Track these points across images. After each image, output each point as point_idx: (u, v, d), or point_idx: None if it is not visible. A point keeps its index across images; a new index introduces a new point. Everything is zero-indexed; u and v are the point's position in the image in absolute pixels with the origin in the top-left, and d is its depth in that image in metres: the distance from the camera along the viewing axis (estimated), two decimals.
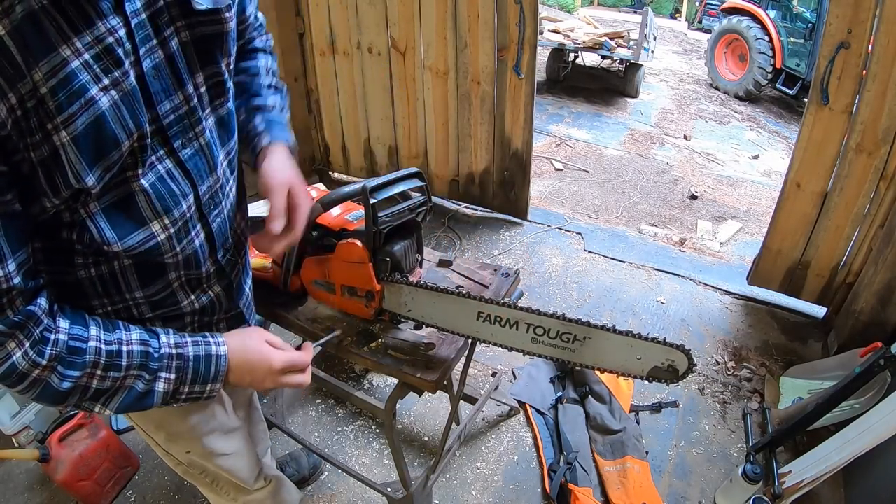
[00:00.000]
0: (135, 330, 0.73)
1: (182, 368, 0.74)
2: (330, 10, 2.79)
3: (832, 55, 1.87)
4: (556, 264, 2.74)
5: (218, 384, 0.78)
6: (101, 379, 0.69)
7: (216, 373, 0.77)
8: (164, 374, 0.73)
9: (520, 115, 2.64)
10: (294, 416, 1.94)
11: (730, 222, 3.57)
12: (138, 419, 0.96)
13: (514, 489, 1.70)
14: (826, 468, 1.44)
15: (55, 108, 0.56)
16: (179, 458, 1.05)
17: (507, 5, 2.39)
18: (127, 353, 0.71)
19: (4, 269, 0.59)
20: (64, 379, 0.66)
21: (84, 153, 0.59)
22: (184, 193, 0.73)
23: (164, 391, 0.74)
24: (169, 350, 0.74)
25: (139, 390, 0.72)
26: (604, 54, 6.12)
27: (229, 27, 0.75)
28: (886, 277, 1.86)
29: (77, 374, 0.67)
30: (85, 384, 0.68)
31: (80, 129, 0.58)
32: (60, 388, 0.66)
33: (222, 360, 0.77)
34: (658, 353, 0.83)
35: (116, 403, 0.72)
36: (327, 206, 1.06)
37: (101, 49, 0.59)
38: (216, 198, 0.81)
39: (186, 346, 0.75)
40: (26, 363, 0.63)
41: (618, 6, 12.84)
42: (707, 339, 2.29)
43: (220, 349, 0.77)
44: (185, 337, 0.76)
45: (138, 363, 0.71)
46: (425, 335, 1.10)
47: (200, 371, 0.76)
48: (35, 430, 1.76)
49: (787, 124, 5.87)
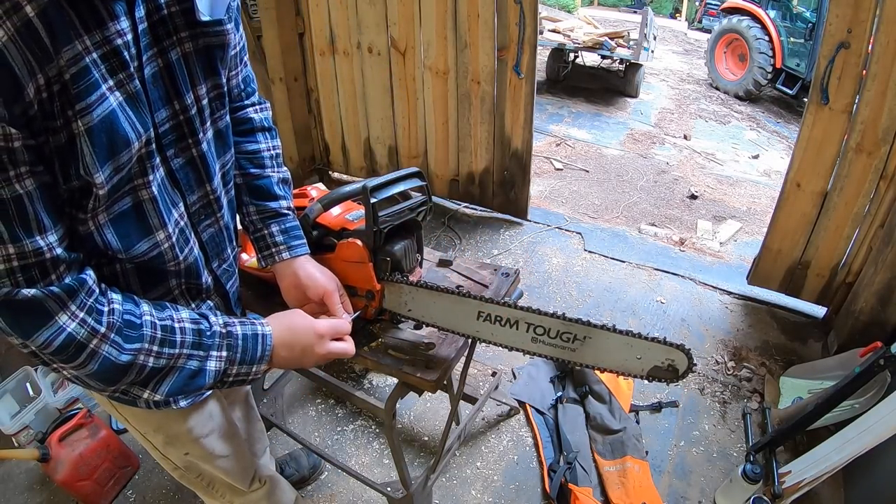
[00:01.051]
0: (183, 310, 0.74)
1: (233, 346, 0.76)
2: (330, 10, 2.79)
3: (832, 55, 1.87)
4: (556, 264, 2.74)
5: (263, 365, 0.79)
6: (157, 356, 0.69)
7: (262, 352, 0.78)
8: (216, 353, 0.74)
9: (520, 115, 2.64)
10: (294, 416, 1.94)
11: (730, 222, 3.57)
12: (137, 422, 0.96)
13: (514, 489, 1.70)
14: (826, 468, 1.44)
15: (75, 95, 0.57)
16: (177, 463, 1.05)
17: (507, 5, 2.39)
18: (180, 329, 0.71)
19: (45, 239, 0.59)
20: (122, 351, 0.66)
21: (97, 147, 0.60)
22: (173, 202, 0.74)
23: (216, 370, 0.75)
24: (220, 328, 0.75)
25: (192, 369, 0.73)
26: (604, 54, 6.12)
27: (230, 40, 0.76)
28: (886, 277, 1.86)
29: (136, 347, 0.67)
30: (142, 362, 0.68)
31: (95, 121, 0.59)
32: (119, 361, 0.66)
33: (268, 339, 0.79)
34: (658, 353, 0.83)
35: (167, 386, 0.72)
36: (327, 206, 1.06)
37: (108, 49, 0.59)
38: (208, 209, 0.82)
39: (234, 326, 0.77)
40: (85, 331, 0.63)
41: (618, 6, 12.84)
42: (707, 338, 2.29)
43: (264, 329, 0.79)
44: (232, 318, 0.78)
45: (191, 340, 0.72)
46: (425, 335, 1.10)
47: (248, 350, 0.77)
48: (35, 430, 1.76)
49: (787, 124, 5.87)
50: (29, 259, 0.59)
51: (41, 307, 0.60)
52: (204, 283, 0.84)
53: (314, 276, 0.95)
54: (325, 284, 0.95)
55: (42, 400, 1.81)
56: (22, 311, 0.60)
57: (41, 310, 0.60)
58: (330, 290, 0.94)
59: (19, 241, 0.57)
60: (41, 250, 0.59)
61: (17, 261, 0.58)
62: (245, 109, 0.95)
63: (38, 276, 0.60)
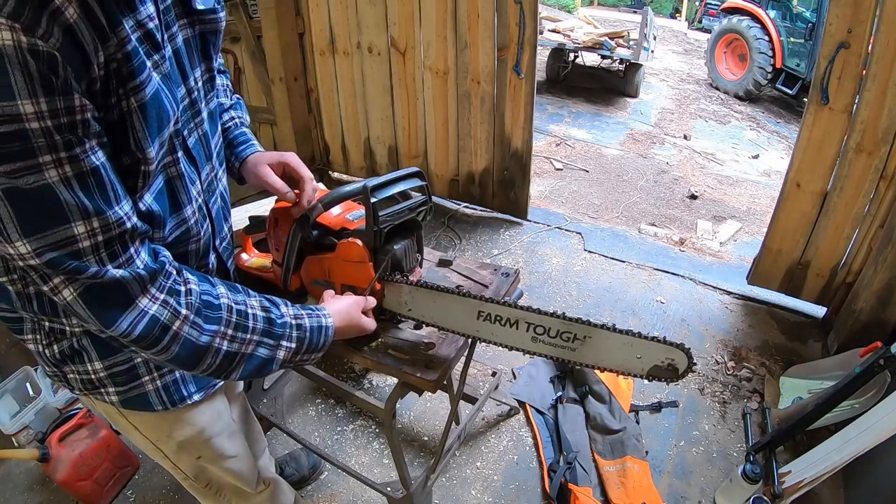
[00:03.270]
0: (255, 296, 0.77)
1: (302, 339, 0.80)
2: (330, 10, 2.79)
3: (832, 55, 1.87)
4: (556, 264, 2.74)
5: (323, 352, 0.85)
6: (231, 340, 0.71)
7: (324, 342, 0.85)
8: (286, 343, 0.78)
9: (520, 115, 2.64)
10: (294, 416, 1.94)
11: (730, 222, 3.57)
12: (147, 431, 0.96)
13: (513, 489, 1.70)
14: (826, 468, 1.44)
15: (128, 73, 0.59)
16: (187, 471, 1.05)
17: (507, 5, 2.39)
18: (252, 315, 0.74)
19: (123, 208, 0.61)
20: (203, 332, 0.68)
21: (149, 122, 0.63)
22: (191, 180, 0.78)
23: (284, 359, 0.79)
24: (290, 320, 0.79)
25: (262, 357, 0.76)
26: (604, 54, 6.13)
27: (221, 27, 0.81)
28: (886, 277, 1.86)
29: (215, 329, 0.69)
30: (217, 345, 0.70)
31: (147, 97, 0.62)
32: (200, 342, 0.68)
33: (329, 330, 0.85)
34: (658, 352, 0.83)
35: (240, 371, 0.75)
36: (327, 206, 1.05)
37: (143, 32, 0.63)
38: (213, 184, 0.86)
39: (304, 318, 0.81)
40: (168, 312, 0.64)
41: (618, 6, 12.85)
42: (707, 338, 2.29)
43: (327, 321, 0.85)
44: (301, 309, 0.82)
45: (262, 328, 0.75)
46: (425, 335, 1.10)
47: (314, 341, 0.83)
48: (35, 430, 1.76)
49: (786, 124, 5.88)
50: (112, 231, 0.60)
51: (125, 290, 0.61)
52: (210, 263, 0.87)
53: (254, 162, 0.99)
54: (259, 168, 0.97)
55: (42, 400, 1.81)
56: (107, 295, 0.61)
57: (124, 293, 0.62)
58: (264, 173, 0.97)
59: (103, 213, 0.58)
60: (122, 220, 0.60)
61: (102, 234, 0.59)
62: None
63: (119, 251, 0.61)
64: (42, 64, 0.50)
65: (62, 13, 0.52)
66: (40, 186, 0.54)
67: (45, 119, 0.52)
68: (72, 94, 0.53)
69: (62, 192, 0.55)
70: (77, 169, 0.56)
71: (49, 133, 0.52)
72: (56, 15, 0.51)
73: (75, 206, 0.56)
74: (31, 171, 0.53)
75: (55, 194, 0.55)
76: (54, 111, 0.52)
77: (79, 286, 0.60)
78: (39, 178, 0.54)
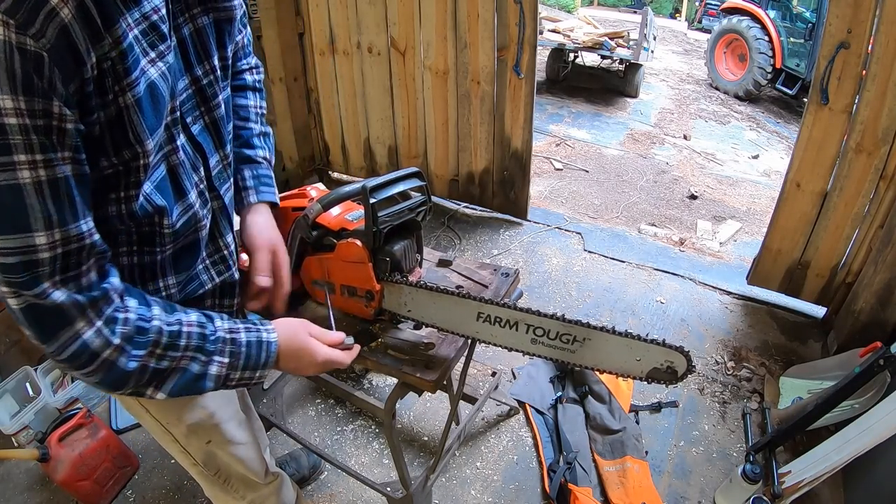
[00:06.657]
0: (192, 312, 0.75)
1: (235, 353, 0.76)
2: (330, 10, 2.79)
3: (832, 55, 1.87)
4: (556, 264, 2.74)
5: (267, 370, 0.80)
6: (160, 358, 0.70)
7: (266, 359, 0.79)
8: (218, 358, 0.75)
9: (519, 115, 2.64)
10: (294, 416, 1.94)
11: (729, 222, 3.57)
12: (158, 413, 0.96)
13: (513, 489, 1.70)
14: (826, 468, 1.44)
15: (124, 70, 0.60)
16: (196, 457, 1.05)
17: (507, 5, 2.39)
18: (186, 333, 0.72)
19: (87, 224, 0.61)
20: (130, 359, 0.67)
21: (145, 116, 0.64)
22: (194, 166, 0.79)
23: (218, 374, 0.75)
24: (224, 334, 0.76)
25: (194, 372, 0.73)
26: (604, 54, 6.12)
27: (237, 14, 0.82)
28: (886, 277, 1.86)
29: (141, 354, 0.68)
30: (145, 364, 0.69)
31: (142, 93, 0.63)
32: (126, 369, 0.67)
33: (272, 346, 0.79)
34: (657, 355, 0.83)
35: (170, 386, 0.72)
36: (327, 206, 1.05)
37: (147, 25, 0.64)
38: (227, 172, 0.87)
39: (240, 332, 0.77)
40: (99, 341, 0.64)
41: (618, 6, 12.85)
42: (707, 339, 2.29)
43: (269, 336, 0.79)
44: (238, 323, 0.79)
45: (195, 345, 0.73)
46: (425, 335, 1.10)
47: (252, 357, 0.77)
48: (35, 430, 1.76)
49: (786, 124, 5.87)
50: (71, 245, 0.60)
51: (63, 314, 0.61)
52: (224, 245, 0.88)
53: (256, 225, 0.95)
54: (255, 240, 0.94)
55: (42, 400, 1.81)
56: (46, 314, 0.61)
57: (63, 316, 0.61)
58: (255, 246, 0.93)
59: (65, 226, 0.58)
60: (82, 235, 0.61)
61: (62, 247, 0.59)
62: (241, 70, 0.99)
63: (72, 266, 0.61)
64: (27, 63, 0.51)
65: (57, 13, 0.52)
66: (10, 186, 0.54)
67: (23, 116, 0.53)
68: (51, 98, 0.54)
69: (30, 196, 0.55)
70: (51, 175, 0.56)
71: (27, 131, 0.53)
72: (52, 15, 0.52)
73: (41, 213, 0.56)
74: (4, 168, 0.53)
75: (23, 198, 0.55)
76: (32, 111, 0.53)
77: (22, 301, 0.59)
78: (11, 178, 0.54)
